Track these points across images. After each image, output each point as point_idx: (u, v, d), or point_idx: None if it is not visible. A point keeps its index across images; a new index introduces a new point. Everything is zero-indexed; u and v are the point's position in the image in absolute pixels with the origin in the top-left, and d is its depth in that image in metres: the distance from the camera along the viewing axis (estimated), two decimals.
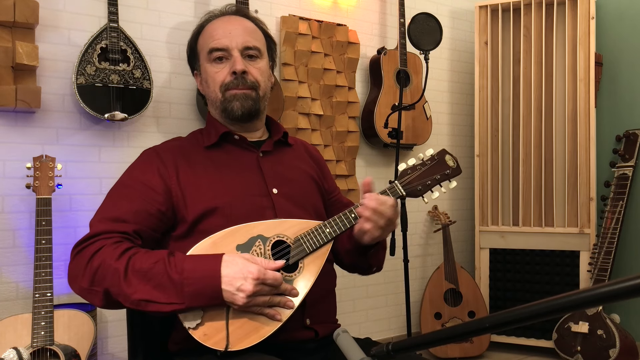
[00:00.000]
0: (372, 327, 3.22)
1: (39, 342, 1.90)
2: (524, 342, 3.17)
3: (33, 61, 2.12)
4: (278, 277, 1.14)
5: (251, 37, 1.37)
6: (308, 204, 1.40)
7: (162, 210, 1.26)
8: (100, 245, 1.16)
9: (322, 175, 1.52)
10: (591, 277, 2.96)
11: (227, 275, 1.11)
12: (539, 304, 0.59)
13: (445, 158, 1.36)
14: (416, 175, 1.33)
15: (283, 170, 1.41)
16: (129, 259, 1.13)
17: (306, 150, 1.55)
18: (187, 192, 1.28)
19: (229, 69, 1.34)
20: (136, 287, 1.11)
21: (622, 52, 3.27)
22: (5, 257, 2.20)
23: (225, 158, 1.37)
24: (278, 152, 1.44)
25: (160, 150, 1.36)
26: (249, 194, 1.31)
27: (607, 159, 3.24)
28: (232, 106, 1.35)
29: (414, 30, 2.63)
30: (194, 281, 1.10)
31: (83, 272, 1.15)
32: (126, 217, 1.21)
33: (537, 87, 3.18)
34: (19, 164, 2.21)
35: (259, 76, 1.37)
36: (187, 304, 1.11)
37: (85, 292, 1.16)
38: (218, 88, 1.36)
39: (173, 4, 2.58)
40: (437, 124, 3.47)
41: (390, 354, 0.75)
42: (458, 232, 3.56)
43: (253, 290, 1.10)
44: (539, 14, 3.18)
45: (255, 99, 1.36)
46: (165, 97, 2.55)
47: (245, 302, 1.11)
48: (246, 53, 1.36)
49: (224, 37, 1.35)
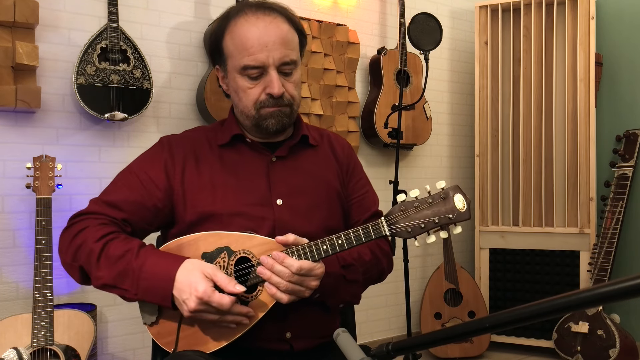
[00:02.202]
0: (372, 327, 3.22)
1: (39, 342, 1.90)
2: (524, 342, 3.17)
3: (33, 61, 2.12)
4: (225, 302, 1.08)
5: (288, 49, 1.27)
6: (316, 218, 1.31)
7: (158, 206, 1.26)
8: (86, 225, 1.21)
9: (346, 176, 1.42)
10: (591, 277, 2.96)
11: (179, 282, 1.12)
12: (539, 304, 0.59)
13: (454, 198, 1.15)
14: (412, 214, 1.14)
15: (295, 178, 1.33)
16: (106, 243, 1.18)
17: (332, 148, 1.44)
18: (188, 193, 1.27)
19: (264, 87, 1.27)
20: (104, 271, 1.16)
21: (622, 52, 3.27)
22: (5, 257, 2.20)
23: (235, 160, 1.33)
24: (295, 156, 1.36)
25: (173, 143, 1.34)
26: (249, 202, 1.27)
27: (607, 159, 3.24)
28: (267, 124, 1.29)
29: (414, 30, 2.63)
30: (149, 276, 1.13)
31: (67, 248, 1.22)
32: (121, 205, 1.24)
33: (537, 87, 3.18)
34: (19, 164, 2.21)
35: (294, 91, 1.30)
36: (140, 297, 1.15)
37: (67, 266, 1.23)
38: (252, 105, 1.29)
39: (173, 4, 2.58)
40: (437, 124, 3.47)
41: (390, 354, 0.75)
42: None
43: (195, 308, 1.09)
44: (539, 14, 3.18)
45: (290, 115, 1.31)
46: (165, 97, 2.55)
47: (188, 315, 1.11)
48: (282, 69, 1.27)
49: (260, 52, 1.24)
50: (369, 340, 3.14)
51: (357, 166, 1.47)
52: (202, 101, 2.49)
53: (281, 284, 1.12)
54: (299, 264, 1.12)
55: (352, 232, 1.15)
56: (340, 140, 1.49)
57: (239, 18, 1.28)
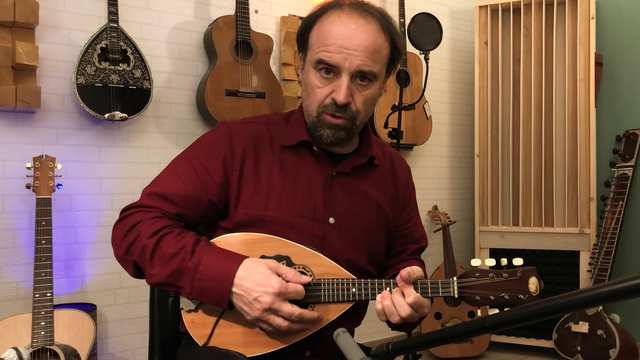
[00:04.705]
0: (372, 327, 3.22)
1: (39, 342, 1.90)
2: (524, 342, 3.17)
3: (33, 61, 2.12)
4: (300, 289, 1.07)
5: (370, 60, 1.17)
6: (364, 242, 1.26)
7: (213, 201, 1.21)
8: (140, 219, 1.16)
9: (400, 204, 1.36)
10: (591, 277, 2.96)
11: (245, 280, 1.07)
12: (539, 304, 0.59)
13: (529, 280, 1.12)
14: (483, 283, 1.12)
15: (351, 198, 1.27)
16: (160, 239, 1.13)
17: (392, 171, 1.37)
18: (244, 192, 1.21)
19: (332, 90, 1.18)
20: (157, 269, 1.11)
21: (622, 52, 3.27)
22: (5, 257, 2.20)
23: (296, 166, 1.25)
24: (356, 174, 1.29)
25: (234, 134, 1.25)
26: (302, 215, 1.22)
27: (607, 159, 3.24)
28: (322, 133, 1.21)
29: (414, 30, 2.63)
30: (205, 277, 1.08)
31: (120, 242, 1.17)
32: (175, 199, 1.19)
33: (537, 87, 3.18)
34: (19, 164, 2.21)
35: (361, 106, 1.20)
36: (195, 296, 1.10)
37: (120, 259, 1.18)
38: (315, 105, 1.21)
39: (173, 4, 2.58)
40: (437, 124, 3.47)
41: (390, 354, 0.75)
42: (458, 232, 3.55)
43: (271, 304, 1.05)
44: (539, 14, 3.18)
45: (350, 129, 1.22)
46: (165, 97, 2.55)
47: (259, 315, 1.06)
48: (357, 78, 1.18)
49: (339, 53, 1.15)
50: (369, 340, 3.14)
51: (412, 195, 1.41)
52: (202, 101, 2.49)
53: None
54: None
55: (420, 283, 1.13)
56: (403, 164, 1.42)
57: (333, 12, 1.20)
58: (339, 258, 1.19)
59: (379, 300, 1.13)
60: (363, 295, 1.13)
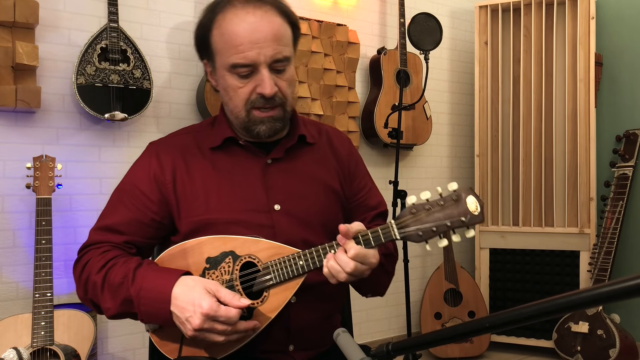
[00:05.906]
0: (372, 327, 3.22)
1: (39, 342, 1.90)
2: (524, 342, 3.17)
3: (33, 61, 2.12)
4: (232, 315, 1.05)
5: (281, 45, 1.17)
6: (316, 222, 1.26)
7: (156, 219, 1.22)
8: (89, 258, 1.19)
9: (348, 176, 1.35)
10: (591, 277, 2.96)
11: (180, 300, 1.07)
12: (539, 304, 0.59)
13: (467, 200, 1.06)
14: (422, 216, 1.07)
15: (293, 181, 1.27)
16: (106, 273, 1.15)
17: (331, 146, 1.36)
18: (182, 202, 1.22)
19: (254, 86, 1.18)
20: (109, 303, 1.15)
21: (622, 52, 3.27)
22: (5, 257, 2.20)
23: (228, 164, 1.25)
24: (292, 157, 1.29)
25: (160, 150, 1.27)
26: (246, 209, 1.21)
27: (607, 159, 3.24)
28: (258, 130, 1.21)
29: (414, 30, 2.63)
30: (147, 302, 1.10)
31: (77, 284, 1.21)
32: (119, 228, 1.21)
33: (537, 87, 3.18)
34: (19, 164, 2.21)
35: (287, 90, 1.21)
36: (146, 321, 1.14)
37: (82, 300, 1.23)
38: (242, 104, 1.20)
39: (173, 4, 2.58)
40: (437, 124, 3.47)
41: (390, 354, 0.75)
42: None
43: (200, 325, 1.05)
44: (539, 14, 3.18)
45: (283, 118, 1.23)
46: (165, 97, 2.55)
47: (192, 334, 1.07)
48: (274, 67, 1.18)
49: (250, 50, 1.14)
50: (369, 340, 3.14)
51: (359, 164, 1.40)
52: (202, 101, 2.49)
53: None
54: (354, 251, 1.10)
55: (361, 236, 1.10)
56: (341, 136, 1.41)
57: (227, 11, 1.18)
58: (294, 242, 1.18)
59: (325, 264, 1.11)
60: (311, 264, 1.13)
